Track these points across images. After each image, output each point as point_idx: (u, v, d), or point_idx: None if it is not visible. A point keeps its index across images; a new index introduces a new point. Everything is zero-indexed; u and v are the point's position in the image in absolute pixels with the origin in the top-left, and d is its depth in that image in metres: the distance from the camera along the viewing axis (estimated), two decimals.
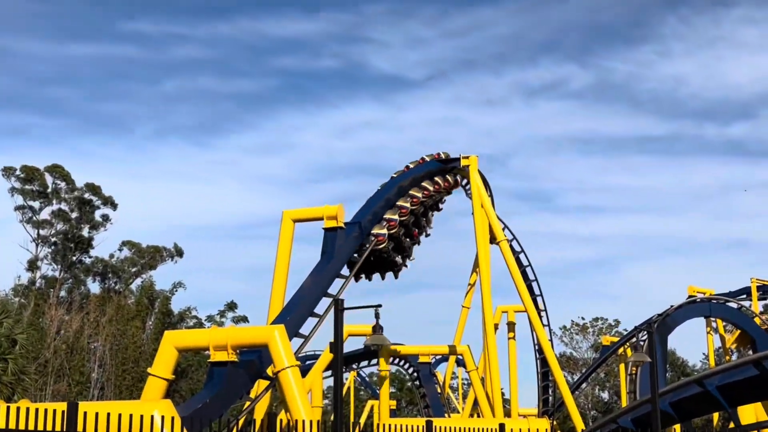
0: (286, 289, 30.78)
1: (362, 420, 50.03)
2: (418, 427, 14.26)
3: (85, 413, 11.54)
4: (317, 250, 30.72)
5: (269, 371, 25.63)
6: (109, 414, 12.75)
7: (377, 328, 12.33)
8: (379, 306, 12.20)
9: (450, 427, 13.88)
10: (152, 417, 14.50)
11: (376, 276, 35.17)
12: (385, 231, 33.31)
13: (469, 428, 14.37)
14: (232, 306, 64.18)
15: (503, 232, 40.85)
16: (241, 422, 20.13)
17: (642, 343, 18.15)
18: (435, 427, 13.64)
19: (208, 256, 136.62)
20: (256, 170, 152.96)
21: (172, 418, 12.75)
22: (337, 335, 12.48)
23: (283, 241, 31.30)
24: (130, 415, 12.34)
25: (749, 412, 23.79)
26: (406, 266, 35.78)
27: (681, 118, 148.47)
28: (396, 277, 35.62)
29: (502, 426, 14.65)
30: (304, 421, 13.59)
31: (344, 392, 75.85)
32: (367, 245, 32.61)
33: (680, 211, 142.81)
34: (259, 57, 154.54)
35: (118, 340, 51.09)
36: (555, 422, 39.46)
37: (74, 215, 58.65)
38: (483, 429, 14.47)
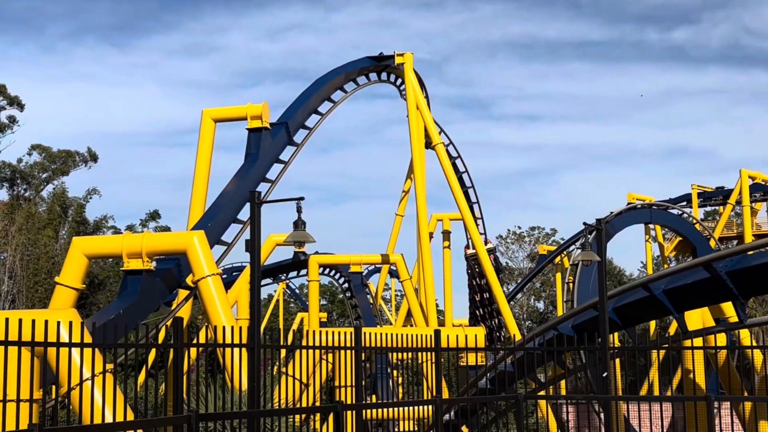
0: (208, 195, 29.75)
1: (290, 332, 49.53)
2: (346, 333, 13.58)
3: None
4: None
5: (189, 281, 24.84)
6: (7, 319, 11.75)
7: (299, 224, 11.40)
8: (301, 199, 11.30)
9: (381, 334, 13.15)
10: (58, 323, 13.56)
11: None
12: None
13: (403, 335, 13.66)
14: (154, 215, 62.70)
15: (439, 135, 40.14)
16: (161, 335, 19.25)
17: (588, 246, 17.81)
18: (364, 333, 12.89)
19: (127, 163, 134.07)
20: (178, 74, 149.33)
21: (70, 324, 11.71)
22: (254, 232, 11.57)
23: (203, 143, 30.09)
24: (33, 321, 11.32)
25: (696, 318, 23.74)
26: None
27: (622, 22, 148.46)
28: None
29: (437, 332, 13.99)
30: (224, 327, 12.72)
31: (272, 304, 76.11)
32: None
33: (620, 119, 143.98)
34: None
35: (29, 250, 49.52)
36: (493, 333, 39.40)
37: None
38: (417, 336, 13.77)
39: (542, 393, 22.94)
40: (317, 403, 18.28)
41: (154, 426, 8.88)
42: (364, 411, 11.62)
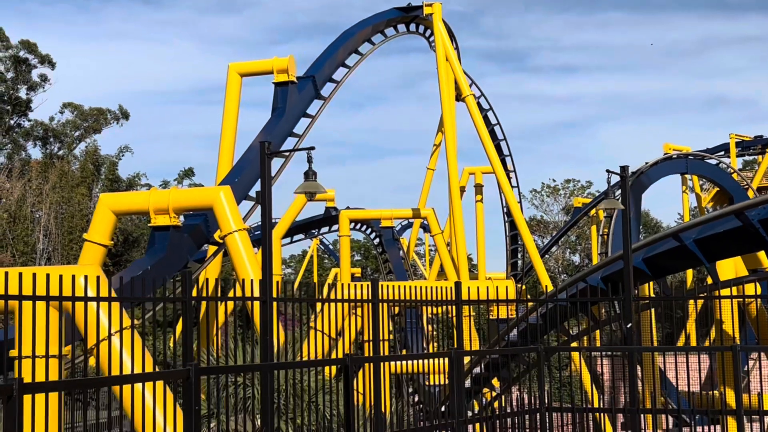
0: (235, 151, 29.80)
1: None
2: (363, 286, 13.59)
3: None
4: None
5: (216, 236, 24.98)
6: (34, 275, 11.87)
7: (310, 174, 11.31)
8: (311, 149, 11.18)
9: (401, 287, 13.12)
10: (85, 278, 13.65)
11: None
12: None
13: (424, 288, 13.61)
14: (188, 173, 62.91)
15: (470, 88, 39.82)
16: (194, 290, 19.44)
17: (612, 194, 17.63)
18: (382, 285, 12.86)
19: (159, 121, 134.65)
20: (211, 31, 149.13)
21: (98, 278, 11.80)
22: (265, 184, 11.50)
23: (230, 98, 30.07)
24: (47, 276, 11.40)
25: (728, 267, 23.43)
26: None
27: None
28: None
29: (458, 284, 13.93)
30: (252, 280, 12.71)
31: (307, 260, 76.45)
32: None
33: (657, 69, 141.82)
34: None
35: (63, 208, 50.02)
36: (524, 286, 39.34)
37: (10, 75, 56.40)
38: (439, 289, 13.71)
39: (568, 345, 22.84)
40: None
41: (151, 380, 8.93)
42: (382, 365, 11.61)
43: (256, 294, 12.07)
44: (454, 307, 13.97)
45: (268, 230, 11.54)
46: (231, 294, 12.87)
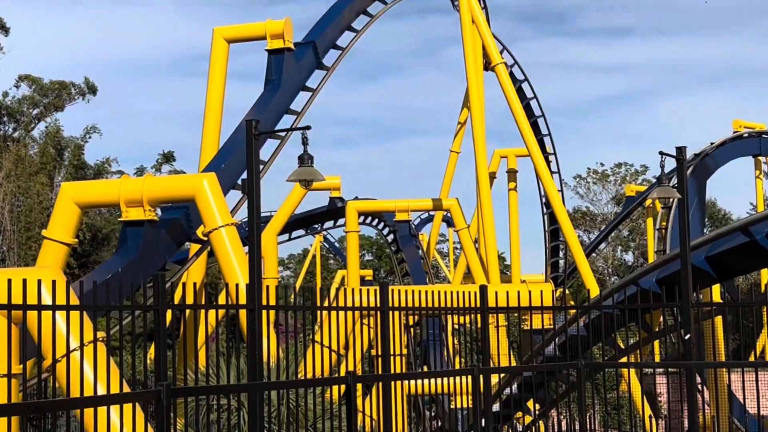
0: (222, 131, 29.85)
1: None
2: (370, 291, 13.56)
3: None
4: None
5: (199, 232, 25.05)
6: None
7: (305, 158, 11.31)
8: (307, 128, 11.17)
9: (415, 292, 13.13)
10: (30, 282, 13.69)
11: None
12: None
13: (443, 292, 13.61)
14: (168, 157, 63.05)
15: (501, 55, 39.85)
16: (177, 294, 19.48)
17: (667, 180, 17.57)
18: (392, 290, 12.88)
19: (133, 97, 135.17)
20: None
21: (54, 283, 11.82)
22: (252, 170, 11.52)
23: (216, 68, 30.12)
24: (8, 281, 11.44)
25: None
26: None
27: None
28: None
29: (483, 288, 13.92)
30: (237, 285, 12.69)
31: (308, 260, 76.71)
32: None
33: (725, 33, 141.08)
34: None
35: (20, 200, 50.24)
36: (567, 291, 39.33)
37: None
38: (460, 294, 13.71)
39: (615, 360, 22.76)
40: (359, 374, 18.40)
41: (116, 402, 8.94)
42: (393, 384, 11.61)
43: (244, 301, 12.09)
44: (479, 315, 13.96)
45: (256, 225, 11.59)
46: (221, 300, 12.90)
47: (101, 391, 11.78)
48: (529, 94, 43.70)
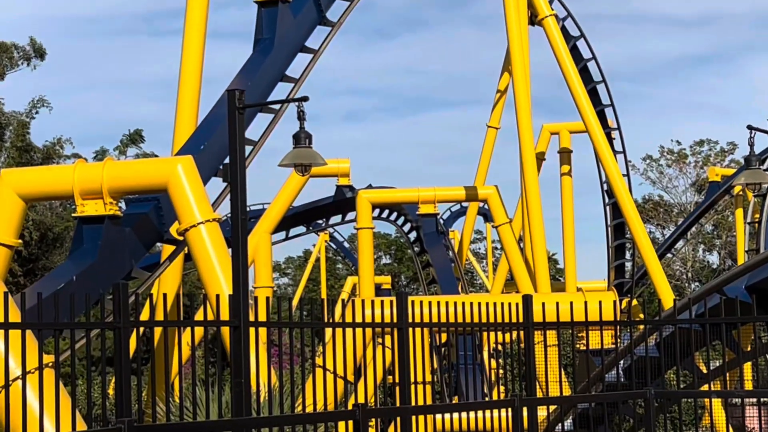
0: (201, 104, 29.98)
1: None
2: (385, 302, 13.56)
3: None
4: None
5: (173, 231, 25.17)
6: None
7: (302, 137, 11.32)
8: (305, 99, 11.18)
9: (441, 304, 13.15)
10: None
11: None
12: None
13: (476, 305, 13.66)
14: (134, 138, 63.22)
15: (550, 6, 39.90)
16: (144, 309, 19.61)
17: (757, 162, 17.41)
18: (412, 302, 12.94)
19: (90, 62, 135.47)
20: None
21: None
22: (237, 151, 11.55)
23: (192, 26, 30.17)
24: None
25: None
26: None
27: None
28: None
29: (527, 298, 13.95)
30: (218, 296, 12.77)
31: (311, 263, 76.96)
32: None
33: None
34: None
35: None
36: (635, 301, 39.35)
37: None
38: (491, 305, 13.76)
39: (695, 389, 22.79)
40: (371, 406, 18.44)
41: None
42: (413, 418, 11.62)
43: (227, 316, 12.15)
44: (522, 332, 13.97)
45: (242, 221, 11.64)
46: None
47: (49, 428, 11.84)
48: (587, 55, 43.64)
